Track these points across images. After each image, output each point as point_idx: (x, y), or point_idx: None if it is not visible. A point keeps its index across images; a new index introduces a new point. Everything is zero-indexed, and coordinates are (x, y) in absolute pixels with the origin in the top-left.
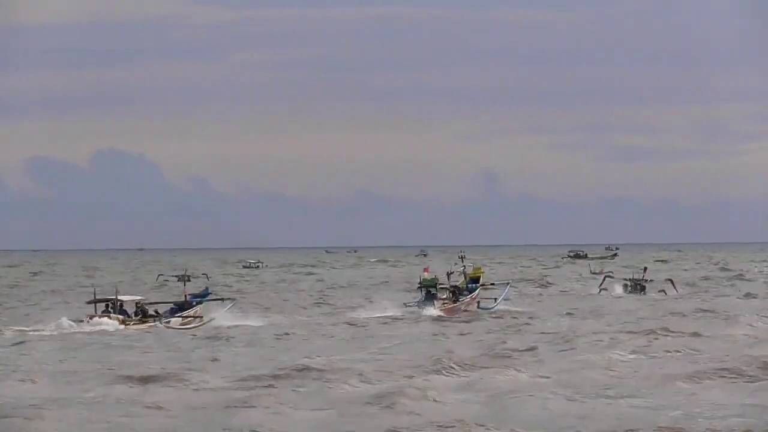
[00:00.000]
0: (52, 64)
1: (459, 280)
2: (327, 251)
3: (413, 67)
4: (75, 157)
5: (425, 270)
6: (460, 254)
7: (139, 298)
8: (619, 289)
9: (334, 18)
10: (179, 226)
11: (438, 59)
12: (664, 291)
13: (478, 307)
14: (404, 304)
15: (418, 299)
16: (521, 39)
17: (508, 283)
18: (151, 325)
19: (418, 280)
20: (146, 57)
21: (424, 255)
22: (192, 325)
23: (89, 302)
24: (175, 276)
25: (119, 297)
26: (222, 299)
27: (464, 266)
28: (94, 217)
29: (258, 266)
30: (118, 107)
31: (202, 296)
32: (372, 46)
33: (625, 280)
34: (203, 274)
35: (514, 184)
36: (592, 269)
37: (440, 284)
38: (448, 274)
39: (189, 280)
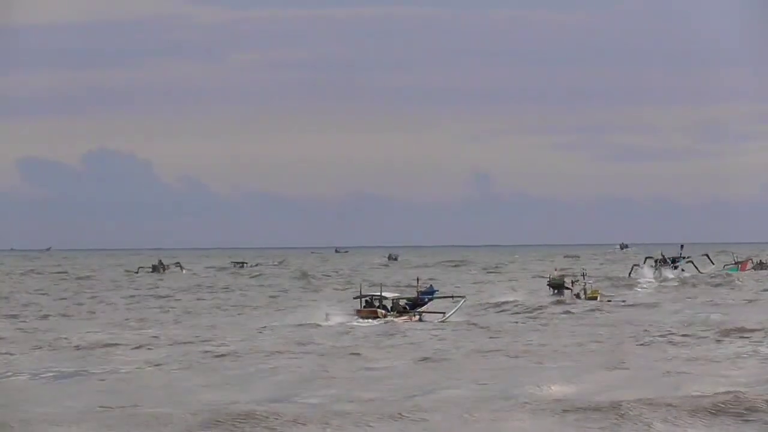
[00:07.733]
0: (45, 64)
1: (579, 291)
2: (312, 251)
3: (413, 67)
4: (66, 156)
5: (555, 269)
6: (582, 272)
7: (396, 295)
8: (648, 272)
9: (333, 18)
10: (172, 225)
11: (438, 59)
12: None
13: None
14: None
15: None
16: (521, 39)
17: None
18: (405, 320)
19: (548, 278)
20: (145, 57)
21: (395, 259)
22: (441, 319)
23: (356, 297)
24: (149, 267)
25: (383, 294)
26: (452, 296)
27: (585, 282)
28: (87, 217)
29: (243, 266)
30: (111, 107)
31: (430, 293)
32: (371, 46)
33: (661, 257)
34: (176, 263)
35: (513, 184)
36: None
37: (566, 286)
38: (573, 282)
39: (164, 271)
